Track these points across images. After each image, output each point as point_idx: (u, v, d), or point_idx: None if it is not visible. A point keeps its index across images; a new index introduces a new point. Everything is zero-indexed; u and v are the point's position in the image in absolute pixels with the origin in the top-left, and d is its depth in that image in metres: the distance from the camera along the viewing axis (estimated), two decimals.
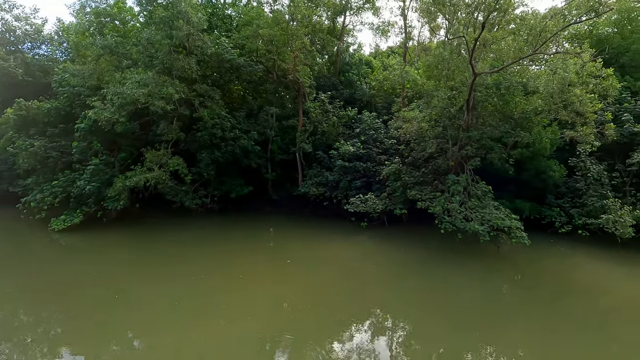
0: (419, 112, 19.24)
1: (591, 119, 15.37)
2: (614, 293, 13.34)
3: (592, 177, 18.83)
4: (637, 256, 16.68)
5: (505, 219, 15.64)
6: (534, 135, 18.71)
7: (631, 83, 21.39)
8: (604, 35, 23.12)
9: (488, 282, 14.16)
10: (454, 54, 17.69)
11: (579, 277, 14.91)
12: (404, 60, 25.02)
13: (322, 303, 11.92)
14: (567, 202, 19.80)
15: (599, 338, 10.17)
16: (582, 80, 14.36)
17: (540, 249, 17.50)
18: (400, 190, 19.76)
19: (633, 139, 18.75)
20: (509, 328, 10.66)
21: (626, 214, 16.16)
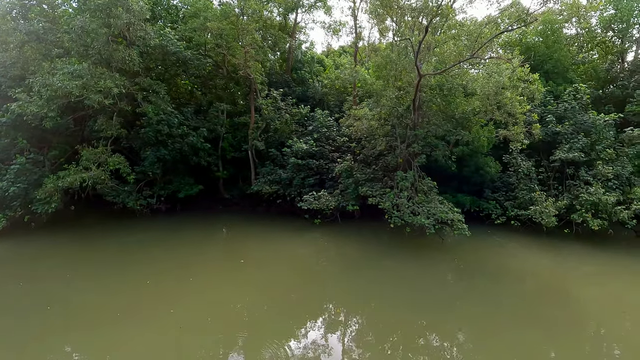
0: (368, 110, 19.82)
1: (521, 120, 16.89)
2: (541, 277, 14.82)
3: (523, 173, 20.73)
4: (560, 243, 18.66)
5: (448, 213, 16.68)
6: (473, 134, 20.18)
7: (554, 87, 23.83)
8: (532, 44, 25.48)
9: (435, 272, 15.04)
10: (401, 56, 18.42)
11: (512, 264, 16.33)
12: (354, 60, 25.57)
13: (277, 301, 11.85)
14: (501, 195, 21.59)
15: (529, 317, 11.24)
16: (513, 84, 15.76)
17: (479, 240, 18.93)
18: (352, 186, 20.23)
19: (555, 137, 20.92)
20: (454, 313, 11.40)
21: (550, 205, 18.00)
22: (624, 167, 19.31)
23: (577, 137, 20.19)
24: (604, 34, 27.49)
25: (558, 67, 24.86)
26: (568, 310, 11.85)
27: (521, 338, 9.95)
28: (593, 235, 18.86)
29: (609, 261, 16.65)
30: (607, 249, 17.95)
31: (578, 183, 19.52)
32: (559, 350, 9.46)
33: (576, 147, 19.68)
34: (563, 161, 20.05)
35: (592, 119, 20.48)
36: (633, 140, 20.17)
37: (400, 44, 18.86)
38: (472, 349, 9.45)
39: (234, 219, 23.45)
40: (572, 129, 20.63)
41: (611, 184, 18.85)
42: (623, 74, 25.54)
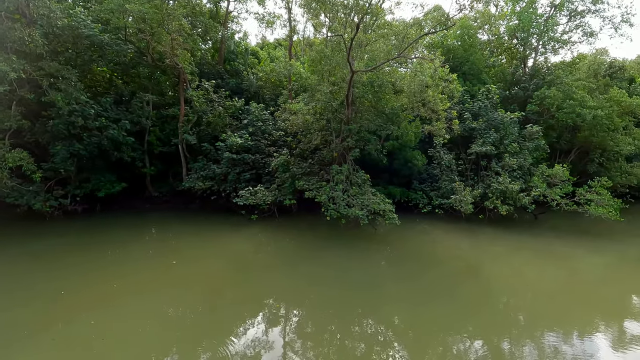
0: (304, 105, 19.93)
1: (442, 116, 18.41)
2: (460, 258, 16.42)
3: (445, 165, 22.67)
4: (476, 228, 20.83)
5: (380, 204, 17.58)
6: (402, 129, 21.48)
7: (470, 87, 26.33)
8: (452, 47, 27.80)
9: (369, 260, 15.78)
10: (335, 52, 18.78)
11: (437, 248, 17.82)
12: (289, 54, 25.43)
13: (214, 301, 11.44)
14: (427, 186, 23.39)
15: (450, 294, 12.43)
16: (435, 83, 17.09)
17: (408, 227, 20.33)
18: (289, 181, 20.25)
19: (471, 133, 23.20)
20: (387, 298, 12.11)
21: (467, 194, 19.97)
22: (525, 159, 22.15)
23: (489, 133, 22.62)
24: (510, 41, 31.05)
25: (474, 69, 27.48)
26: (482, 286, 13.35)
27: (444, 312, 11.01)
28: (502, 219, 21.37)
29: (514, 241, 19.04)
30: (512, 230, 20.51)
31: (490, 174, 21.94)
32: (474, 320, 10.67)
33: (488, 142, 22.06)
34: (478, 154, 22.35)
35: (501, 117, 23.09)
36: (532, 136, 23.19)
37: (333, 39, 19.19)
38: (402, 327, 10.17)
39: (165, 217, 21.99)
40: (485, 125, 23.05)
41: (516, 174, 21.53)
42: (525, 77, 29.17)
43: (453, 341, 9.60)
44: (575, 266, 16.03)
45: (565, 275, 14.92)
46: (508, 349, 9.42)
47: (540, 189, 20.36)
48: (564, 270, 15.44)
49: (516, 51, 30.85)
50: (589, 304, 12.38)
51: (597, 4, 28.06)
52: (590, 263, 16.47)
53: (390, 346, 9.31)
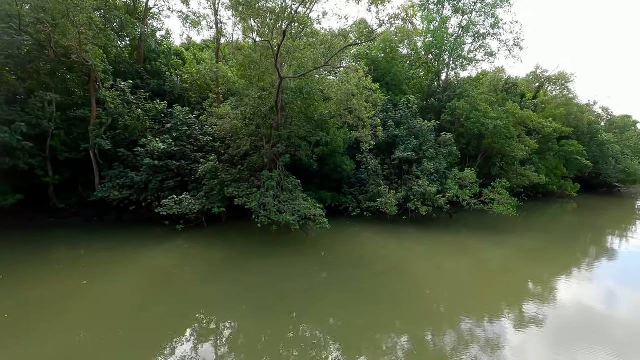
0: (231, 109, 19.40)
1: (368, 123, 19.40)
2: (388, 258, 17.37)
3: (372, 170, 23.89)
4: (400, 228, 22.25)
5: (311, 209, 17.82)
6: (331, 135, 22.11)
7: (393, 97, 28.24)
8: (376, 58, 29.58)
9: (302, 265, 15.84)
10: (263, 57, 18.65)
11: (367, 250, 18.60)
12: (216, 56, 24.60)
13: (134, 322, 10.40)
14: (356, 190, 24.39)
15: (380, 293, 13.07)
16: (360, 92, 17.98)
17: (339, 231, 20.92)
18: (218, 188, 19.48)
19: (395, 139, 24.85)
20: (322, 301, 12.30)
21: (392, 197, 21.29)
22: (441, 164, 24.39)
23: (410, 140, 24.45)
24: (426, 56, 34.06)
25: (396, 80, 29.56)
26: (407, 282, 14.32)
27: (375, 310, 11.60)
28: (422, 219, 23.18)
29: (434, 238, 20.76)
30: (432, 229, 22.37)
31: (411, 177, 23.68)
32: (402, 314, 11.45)
33: (409, 148, 23.83)
34: (401, 159, 24.00)
35: (420, 125, 25.12)
36: (446, 143, 25.64)
37: (262, 45, 19.06)
38: (336, 328, 10.37)
39: (73, 232, 19.48)
40: (406, 132, 24.87)
41: (433, 177, 23.57)
42: (439, 89, 32.22)
43: (384, 337, 10.16)
44: (484, 258, 18.02)
45: (476, 266, 16.73)
46: (432, 338, 10.24)
47: (453, 191, 22.59)
48: (475, 262, 17.29)
49: (432, 66, 33.94)
50: (496, 291, 14.01)
51: (495, 28, 32.29)
52: (496, 255, 18.65)
53: (325, 348, 9.44)
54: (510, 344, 9.99)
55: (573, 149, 37.41)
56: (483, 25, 32.62)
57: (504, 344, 9.98)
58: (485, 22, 32.50)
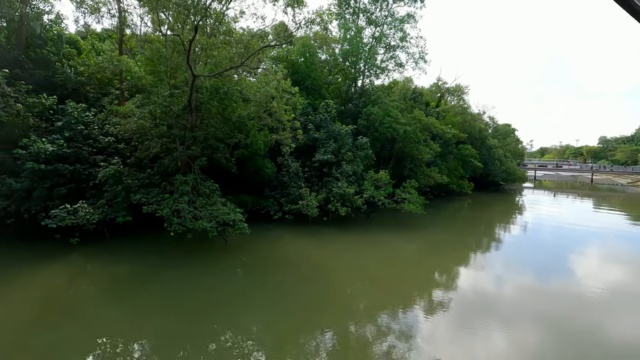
0: (135, 107, 17.61)
1: (288, 126, 19.43)
2: (310, 259, 17.55)
3: (293, 172, 23.97)
4: (321, 229, 22.71)
5: (230, 213, 17.10)
6: (251, 138, 21.59)
7: (312, 101, 28.83)
8: (295, 62, 29.88)
9: (222, 273, 15.06)
10: (175, 52, 17.36)
11: (289, 252, 18.53)
12: (119, 48, 22.12)
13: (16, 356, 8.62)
14: (278, 193, 24.21)
15: (304, 293, 13.11)
16: (280, 95, 17.91)
17: (261, 235, 20.48)
18: (123, 194, 17.48)
19: (315, 142, 25.36)
20: (245, 307, 11.80)
21: (313, 199, 21.65)
22: (358, 166, 25.63)
23: (329, 143, 25.18)
24: (343, 63, 35.56)
25: (315, 85, 30.23)
26: (329, 281, 14.60)
27: (299, 311, 11.55)
28: (342, 219, 24.05)
29: (353, 238, 21.65)
30: (351, 229, 23.33)
31: (331, 179, 24.39)
32: (327, 314, 11.58)
33: (329, 151, 24.54)
34: (321, 162, 24.57)
35: (338, 129, 26.06)
36: (362, 146, 27.06)
37: (173, 39, 17.73)
38: (261, 334, 10.01)
39: None
40: (326, 135, 25.56)
41: (351, 179, 24.62)
42: (355, 95, 33.91)
43: (308, 338, 10.20)
44: (397, 253, 19.37)
45: (391, 261, 17.91)
46: (353, 334, 10.56)
47: (370, 192, 23.91)
48: (390, 257, 18.50)
49: (349, 72, 35.56)
50: (408, 283, 15.15)
51: (404, 42, 35.26)
52: (408, 249, 20.21)
53: (250, 356, 9.05)
54: (422, 329, 10.89)
55: (468, 152, 42.71)
56: (393, 38, 35.37)
57: (417, 330, 10.83)
58: (395, 35, 35.29)
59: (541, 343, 10.22)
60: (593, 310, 12.68)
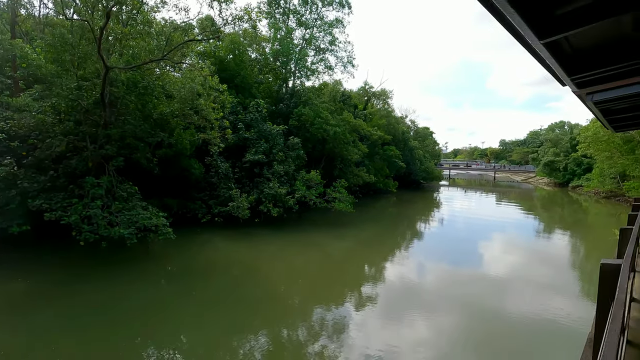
0: (32, 100, 15.32)
1: (216, 125, 18.66)
2: (242, 262, 17.11)
3: (222, 173, 23.09)
4: (253, 231, 22.28)
5: (152, 218, 15.85)
6: (175, 136, 20.23)
7: (242, 100, 28.07)
8: (224, 59, 28.76)
9: (143, 284, 13.86)
10: (83, 40, 15.50)
11: (219, 257, 17.84)
12: (12, 32, 18.98)
13: None
14: (206, 195, 23.11)
15: (238, 297, 12.69)
16: (207, 92, 17.11)
17: (188, 240, 19.35)
18: (18, 200, 15.06)
19: (245, 142, 24.76)
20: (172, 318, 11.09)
21: (244, 200, 21.13)
22: (290, 167, 25.69)
23: (260, 143, 24.81)
24: (274, 63, 35.32)
25: (245, 83, 29.49)
26: (263, 283, 14.40)
27: (234, 316, 11.22)
28: (274, 220, 23.86)
29: (285, 238, 21.66)
30: (283, 229, 23.30)
31: (263, 180, 24.07)
32: (261, 316, 11.43)
33: (260, 151, 24.18)
34: (252, 162, 24.07)
35: (269, 129, 25.80)
36: (294, 146, 27.19)
37: (80, 25, 15.81)
38: (189, 344, 9.41)
39: None
40: (256, 135, 25.13)
41: (283, 179, 24.58)
42: (287, 95, 33.94)
43: (242, 342, 10.02)
44: (329, 251, 19.88)
45: (323, 259, 18.32)
46: (288, 334, 10.56)
47: (302, 192, 24.15)
48: (322, 255, 18.92)
49: (280, 72, 35.43)
50: (340, 279, 15.64)
51: (333, 45, 36.30)
52: (339, 247, 20.85)
53: None
54: (354, 322, 11.36)
55: (393, 153, 45.61)
56: (323, 41, 36.20)
57: (349, 323, 11.27)
58: (324, 38, 36.14)
59: (457, 322, 11.39)
60: (496, 290, 14.53)
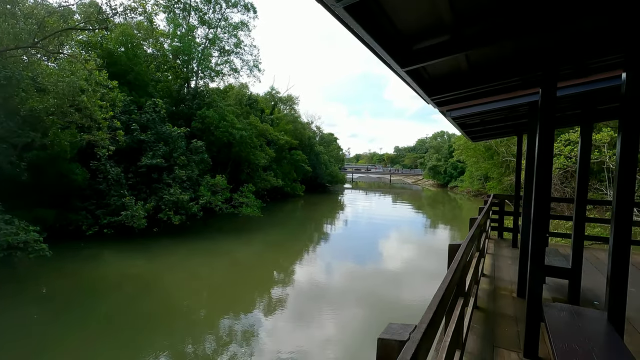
0: None
1: (104, 125, 16.65)
2: (138, 277, 15.53)
3: (113, 179, 20.63)
4: (152, 242, 20.43)
5: (20, 234, 13.35)
6: (51, 137, 17.36)
7: (137, 98, 25.57)
8: (114, 52, 25.79)
9: (12, 311, 11.50)
10: None
11: (110, 272, 15.86)
12: None
13: None
14: (92, 204, 20.34)
15: (134, 316, 11.41)
16: (92, 88, 15.15)
17: (70, 256, 16.80)
18: None
19: (141, 145, 22.61)
20: (47, 350, 9.30)
21: (140, 208, 19.26)
22: (193, 171, 24.36)
23: (158, 146, 22.94)
24: (174, 60, 33.06)
25: (139, 80, 26.91)
26: (164, 298, 13.29)
27: (127, 339, 9.94)
28: (176, 228, 22.32)
29: (189, 247, 20.40)
30: (187, 238, 21.93)
31: (162, 186, 22.29)
32: (161, 334, 10.45)
33: (158, 154, 22.35)
34: (149, 167, 22.10)
35: (169, 131, 24.05)
36: (197, 150, 25.88)
37: None
38: None
39: None
40: (154, 138, 23.17)
41: (185, 184, 23.19)
42: (189, 96, 32.11)
43: None
44: (236, 257, 19.44)
45: (230, 266, 17.83)
46: (193, 349, 9.94)
47: (206, 197, 23.12)
48: (229, 262, 18.39)
49: (180, 71, 33.29)
50: (248, 285, 15.41)
51: (238, 48, 35.74)
52: (246, 252, 20.56)
53: None
54: (264, 327, 11.33)
55: (299, 157, 46.86)
56: (228, 43, 35.35)
57: (259, 329, 11.20)
58: (229, 40, 35.35)
59: (361, 316, 12.37)
60: (394, 283, 16.21)
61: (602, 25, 3.52)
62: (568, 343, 3.11)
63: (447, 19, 2.96)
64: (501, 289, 6.86)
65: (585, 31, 3.67)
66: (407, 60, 3.41)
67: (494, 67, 4.31)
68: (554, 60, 3.90)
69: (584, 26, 3.53)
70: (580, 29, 3.62)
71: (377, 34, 2.85)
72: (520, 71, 4.33)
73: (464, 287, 3.80)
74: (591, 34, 3.75)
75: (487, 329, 5.01)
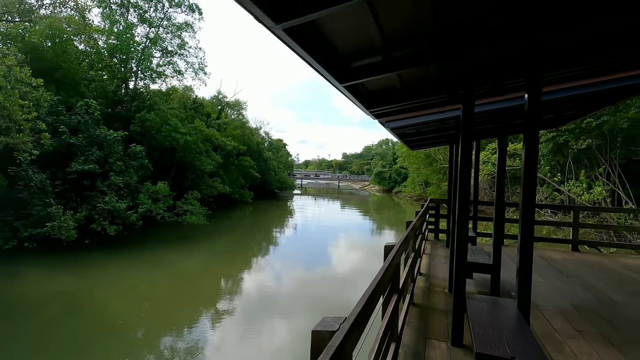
0: None
1: (26, 127, 15.03)
2: (66, 294, 14.14)
3: (36, 187, 18.59)
4: (83, 255, 18.74)
5: None
6: None
7: (66, 98, 23.40)
8: (39, 46, 23.35)
9: None
10: None
11: (31, 291, 14.23)
12: None
13: None
14: (10, 215, 18.15)
15: (59, 339, 10.31)
16: (12, 85, 13.62)
17: None
18: None
19: (70, 149, 20.70)
20: None
21: (69, 219, 17.58)
22: (131, 178, 22.82)
23: (91, 150, 21.18)
24: (110, 59, 30.81)
25: (69, 79, 24.67)
26: (97, 316, 12.23)
27: None
28: (112, 239, 20.72)
29: (126, 260, 19.04)
30: (124, 249, 20.44)
31: (95, 194, 20.58)
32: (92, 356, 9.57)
33: (91, 160, 20.63)
34: (80, 173, 20.29)
35: (104, 134, 22.32)
36: (136, 155, 24.32)
37: None
38: None
39: None
40: (86, 141, 21.34)
41: (123, 192, 21.64)
42: (127, 98, 30.12)
43: None
44: (179, 268, 18.53)
45: (172, 278, 16.92)
46: None
47: (146, 205, 21.77)
48: (171, 274, 17.45)
49: (117, 70, 31.11)
50: (192, 297, 14.76)
51: (182, 49, 34.36)
52: (191, 262, 19.69)
53: None
54: (210, 342, 10.91)
55: (248, 163, 46.06)
56: (171, 44, 33.83)
57: (205, 344, 10.76)
58: (173, 41, 33.85)
59: (311, 321, 12.45)
60: (343, 285, 16.60)
61: (506, 54, 4.12)
62: (484, 329, 3.55)
63: (378, 43, 3.29)
64: (435, 286, 7.47)
65: (501, 55, 4.27)
66: (346, 77, 3.70)
67: (423, 85, 4.82)
68: (471, 81, 4.47)
69: (498, 52, 4.10)
70: (495, 54, 4.19)
71: (316, 53, 3.08)
72: (445, 90, 4.88)
73: (399, 284, 4.14)
74: (504, 58, 4.36)
75: (422, 322, 5.46)
